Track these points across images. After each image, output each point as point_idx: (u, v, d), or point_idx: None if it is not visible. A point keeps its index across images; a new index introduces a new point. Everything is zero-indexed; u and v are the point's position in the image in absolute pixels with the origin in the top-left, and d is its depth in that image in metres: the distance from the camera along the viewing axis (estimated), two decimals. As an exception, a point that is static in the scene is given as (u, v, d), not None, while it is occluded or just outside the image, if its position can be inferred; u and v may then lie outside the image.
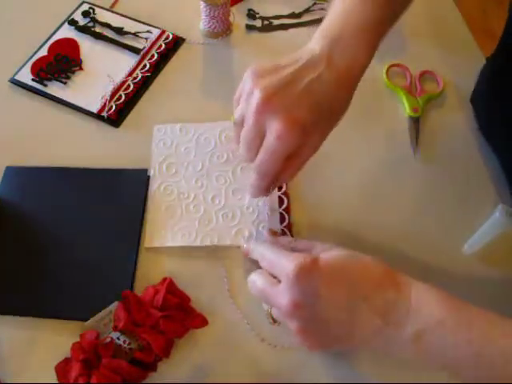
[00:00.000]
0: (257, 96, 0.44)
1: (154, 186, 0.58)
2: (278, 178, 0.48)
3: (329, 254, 0.42)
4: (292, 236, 0.54)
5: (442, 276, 0.52)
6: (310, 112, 0.44)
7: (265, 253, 0.46)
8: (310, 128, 0.45)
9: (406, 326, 0.38)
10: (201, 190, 0.58)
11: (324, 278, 0.40)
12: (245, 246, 0.51)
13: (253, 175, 0.48)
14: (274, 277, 0.43)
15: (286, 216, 0.55)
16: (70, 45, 0.70)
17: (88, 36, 0.71)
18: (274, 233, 0.54)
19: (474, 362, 0.37)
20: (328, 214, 0.57)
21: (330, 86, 0.45)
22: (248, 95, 0.45)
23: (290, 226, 0.55)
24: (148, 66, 0.68)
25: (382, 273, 0.41)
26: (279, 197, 0.56)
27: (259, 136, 0.45)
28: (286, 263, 0.41)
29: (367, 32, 0.46)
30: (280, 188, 0.57)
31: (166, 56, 0.70)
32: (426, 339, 0.38)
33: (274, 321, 0.45)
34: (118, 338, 0.47)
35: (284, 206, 0.56)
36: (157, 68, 0.68)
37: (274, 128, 0.43)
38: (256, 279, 0.44)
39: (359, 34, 0.46)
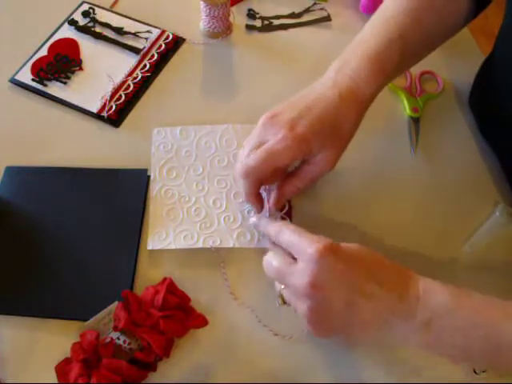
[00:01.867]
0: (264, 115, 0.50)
1: (154, 189, 0.57)
2: (281, 193, 0.51)
3: (347, 244, 0.43)
4: None
5: (442, 276, 0.52)
6: (311, 126, 0.47)
7: (283, 230, 0.45)
8: (312, 142, 0.47)
9: (415, 315, 0.39)
10: (202, 193, 0.57)
11: (344, 262, 0.41)
12: (254, 219, 0.51)
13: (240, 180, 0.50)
14: (291, 257, 0.43)
15: (288, 219, 0.55)
16: (70, 45, 0.70)
17: (88, 36, 0.71)
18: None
19: (482, 346, 0.39)
20: (328, 215, 0.57)
21: (333, 104, 0.49)
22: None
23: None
24: (148, 66, 0.68)
25: (394, 265, 0.43)
26: None
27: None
28: (307, 243, 0.41)
29: (370, 60, 0.50)
30: (283, 207, 0.56)
31: (166, 56, 0.70)
32: (434, 325, 0.39)
33: (284, 302, 0.45)
34: (118, 338, 0.47)
35: (285, 210, 0.56)
36: (157, 68, 0.68)
37: (276, 136, 0.47)
38: (272, 259, 0.44)
39: (363, 60, 0.50)
